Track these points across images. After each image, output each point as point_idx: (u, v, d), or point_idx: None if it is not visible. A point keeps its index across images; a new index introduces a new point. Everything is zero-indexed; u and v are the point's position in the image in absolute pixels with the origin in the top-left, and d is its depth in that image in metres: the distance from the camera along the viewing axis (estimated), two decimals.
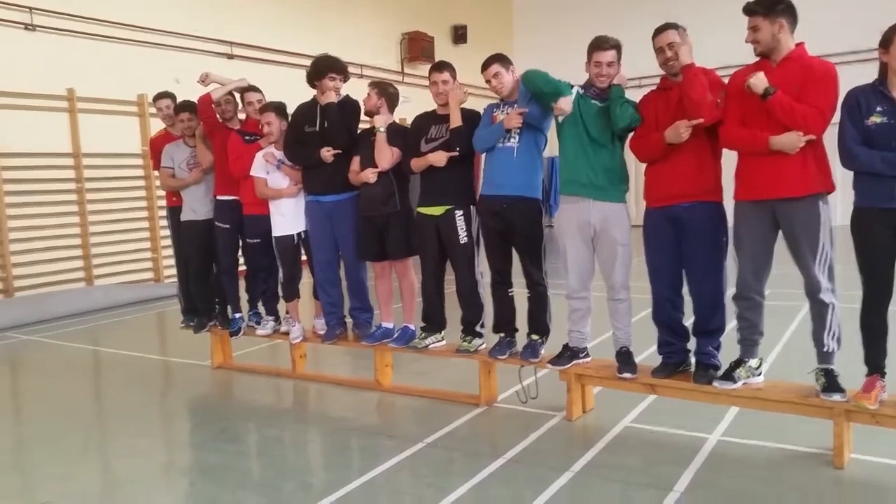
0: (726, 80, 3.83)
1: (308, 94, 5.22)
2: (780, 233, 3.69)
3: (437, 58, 15.67)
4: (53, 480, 3.88)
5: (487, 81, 4.44)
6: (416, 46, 15.62)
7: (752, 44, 3.64)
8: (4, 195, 9.03)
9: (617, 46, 4.13)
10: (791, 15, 3.59)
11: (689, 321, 4.14)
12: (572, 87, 4.18)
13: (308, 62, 5.22)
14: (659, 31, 3.91)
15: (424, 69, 15.64)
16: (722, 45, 7.75)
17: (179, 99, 5.97)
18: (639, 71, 6.59)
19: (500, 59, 4.45)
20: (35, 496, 3.70)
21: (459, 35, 17.08)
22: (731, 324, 4.00)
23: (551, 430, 4.26)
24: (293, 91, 5.59)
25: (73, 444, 4.42)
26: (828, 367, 3.65)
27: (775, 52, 3.61)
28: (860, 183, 3.52)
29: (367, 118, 4.99)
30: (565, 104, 4.06)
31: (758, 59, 3.69)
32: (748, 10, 3.62)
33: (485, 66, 4.44)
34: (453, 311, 4.96)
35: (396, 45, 15.69)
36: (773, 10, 3.55)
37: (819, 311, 3.64)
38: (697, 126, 3.76)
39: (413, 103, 5.03)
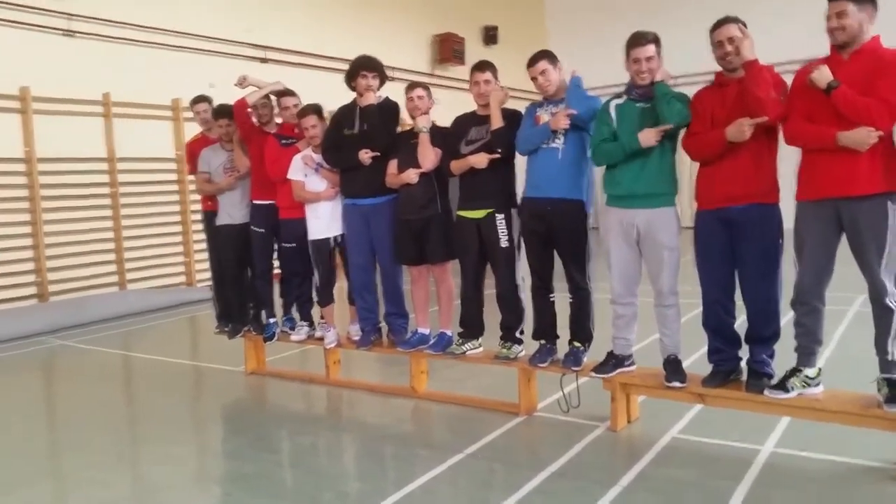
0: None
1: (341, 97, 5.15)
2: (844, 235, 3.51)
3: (468, 59, 15.73)
4: (87, 486, 3.82)
5: (533, 79, 4.31)
6: (447, 48, 15.53)
7: (834, 31, 3.42)
8: (41, 200, 9.10)
9: (656, 40, 3.97)
10: (875, 4, 3.41)
11: (740, 328, 3.97)
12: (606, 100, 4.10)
13: (339, 65, 5.16)
14: (719, 25, 3.73)
15: (455, 71, 15.76)
16: (772, 41, 7.58)
17: (216, 103, 5.94)
18: (677, 69, 6.42)
19: (548, 55, 4.32)
20: (71, 502, 3.64)
21: (490, 36, 16.94)
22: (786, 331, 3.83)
23: (595, 440, 4.11)
24: (325, 94, 5.55)
25: (106, 450, 4.38)
26: (891, 377, 3.46)
27: (855, 41, 3.42)
28: None
29: (409, 121, 4.89)
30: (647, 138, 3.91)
31: (830, 50, 3.50)
32: None
33: (531, 63, 4.31)
34: (491, 316, 4.84)
35: (427, 47, 15.63)
36: None
37: (883, 317, 3.45)
38: (757, 125, 3.58)
39: (443, 105, 4.91)
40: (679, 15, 15.33)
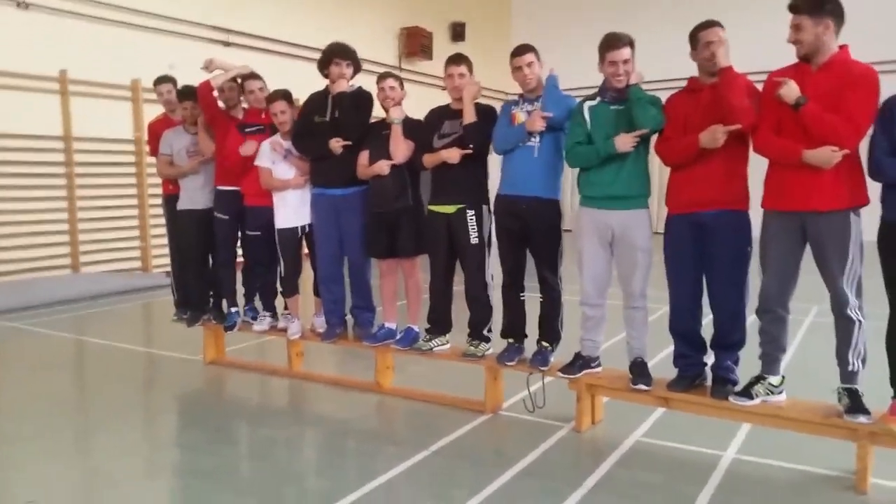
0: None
1: (304, 85, 5.03)
2: (808, 245, 3.56)
3: (436, 54, 15.67)
4: (39, 478, 3.68)
5: (518, 69, 4.26)
6: (415, 42, 15.43)
7: (793, 44, 3.47)
8: None
9: (631, 43, 3.97)
10: (837, 16, 3.41)
11: (705, 333, 4.01)
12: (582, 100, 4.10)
13: (304, 52, 5.07)
14: (705, 27, 3.72)
15: (422, 65, 15.67)
16: (745, 48, 7.64)
17: (179, 85, 5.78)
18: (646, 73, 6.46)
19: (535, 50, 4.29)
20: (19, 495, 3.50)
21: (458, 32, 16.90)
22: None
23: (560, 441, 4.11)
24: (288, 82, 5.41)
25: (58, 440, 4.23)
26: (852, 387, 3.53)
27: (818, 54, 3.44)
28: (889, 196, 3.40)
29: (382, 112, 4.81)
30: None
31: (797, 60, 3.54)
32: (793, 7, 3.44)
33: (520, 53, 4.26)
34: (459, 313, 4.80)
35: (394, 40, 15.51)
36: (820, 9, 3.37)
37: (845, 328, 3.51)
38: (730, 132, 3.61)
39: (410, 99, 4.86)
40: (646, 18, 15.53)
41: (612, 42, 3.95)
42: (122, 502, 3.40)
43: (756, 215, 3.75)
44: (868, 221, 3.49)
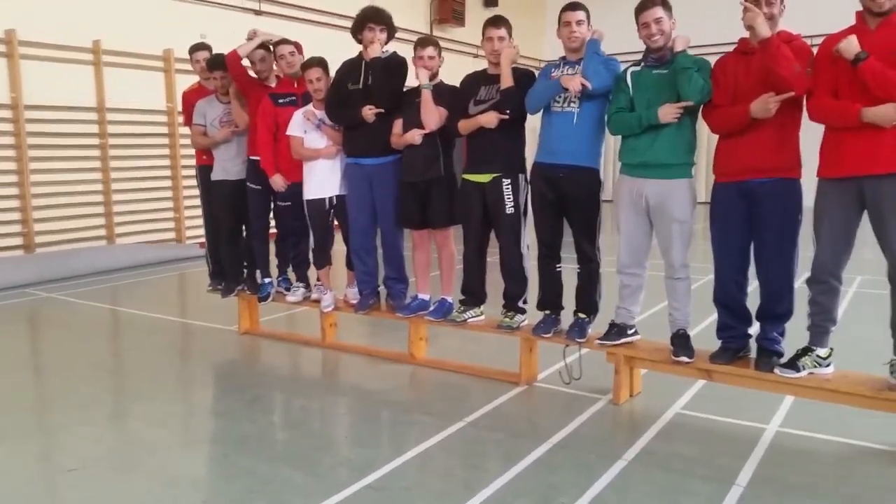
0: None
1: (337, 53, 4.94)
2: (865, 214, 3.42)
3: (468, 21, 15.43)
4: (76, 442, 3.73)
5: (567, 24, 4.12)
6: (447, 8, 15.22)
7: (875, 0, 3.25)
8: (28, 149, 8.85)
9: (663, 2, 3.84)
10: None
11: (751, 304, 3.90)
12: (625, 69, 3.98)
13: (335, 20, 4.96)
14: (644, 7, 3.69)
15: (454, 32, 15.46)
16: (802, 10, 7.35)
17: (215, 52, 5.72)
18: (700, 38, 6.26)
19: (587, 10, 4.15)
20: (61, 460, 3.55)
21: None
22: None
23: (597, 413, 4.05)
24: (321, 50, 5.32)
25: (98, 406, 4.28)
26: None
27: (891, 11, 3.26)
28: None
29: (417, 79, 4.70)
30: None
31: (855, 21, 3.36)
32: None
33: (572, 8, 4.13)
34: (493, 284, 4.74)
35: (426, 6, 15.30)
36: None
37: None
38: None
39: (443, 67, 4.75)
40: None
41: (642, 3, 3.86)
42: (160, 469, 3.41)
43: (807, 183, 3.62)
44: None
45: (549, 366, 4.64)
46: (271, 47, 5.36)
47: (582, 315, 4.32)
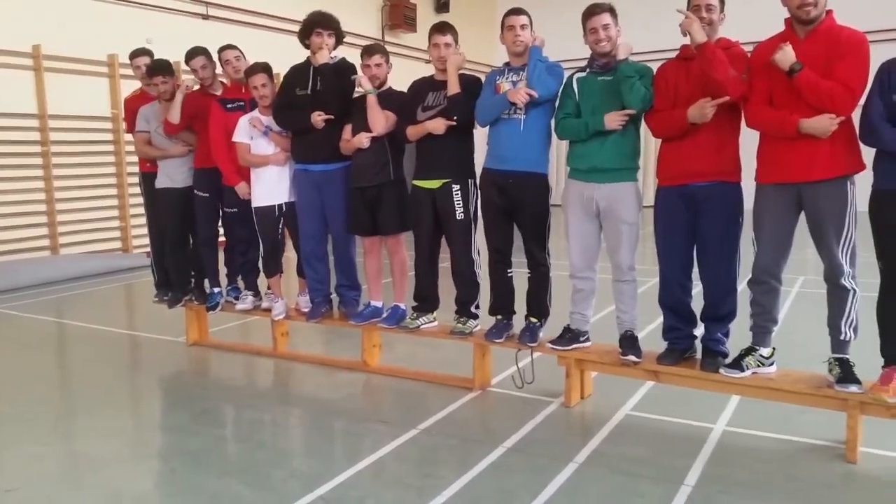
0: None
1: (285, 60, 4.89)
2: (802, 215, 3.52)
3: (420, 26, 15.43)
4: (21, 463, 3.61)
5: (510, 28, 4.13)
6: (398, 13, 15.21)
7: (806, 6, 3.32)
8: None
9: (611, 9, 3.91)
10: None
11: (695, 306, 3.98)
12: (571, 74, 4.03)
13: (284, 25, 4.93)
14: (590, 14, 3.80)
15: (406, 37, 15.44)
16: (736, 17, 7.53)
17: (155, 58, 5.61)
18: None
19: (530, 16, 4.17)
20: (0, 480, 3.42)
21: (442, 3, 16.68)
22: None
23: (550, 416, 4.08)
24: (270, 54, 5.27)
25: (41, 423, 4.15)
26: (843, 357, 3.51)
27: (818, 19, 3.36)
28: (881, 164, 3.36)
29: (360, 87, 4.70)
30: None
31: (784, 29, 3.46)
32: None
33: (515, 13, 4.14)
34: (445, 290, 4.74)
35: (378, 12, 15.27)
36: None
37: (838, 297, 3.48)
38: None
39: (394, 72, 4.75)
40: None
41: (591, 10, 3.93)
42: (106, 485, 3.33)
43: (747, 186, 3.70)
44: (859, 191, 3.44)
45: (502, 370, 4.66)
46: (214, 54, 5.29)
47: (533, 319, 4.35)
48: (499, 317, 4.46)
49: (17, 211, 9.18)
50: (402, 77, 4.92)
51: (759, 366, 3.69)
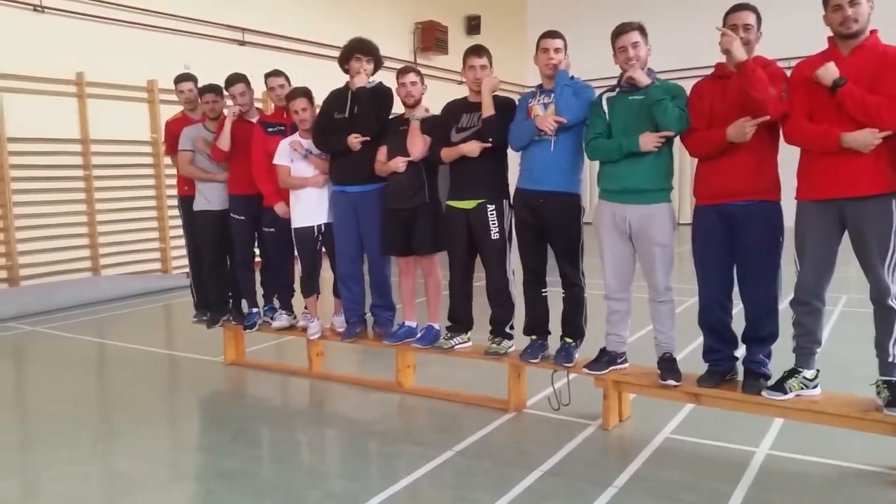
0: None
1: (320, 83, 4.97)
2: (846, 234, 3.44)
3: (451, 49, 15.56)
4: (59, 482, 3.66)
5: (545, 50, 4.13)
6: (430, 36, 15.35)
7: (848, 21, 3.27)
8: (11, 181, 8.80)
9: (640, 28, 3.90)
10: None
11: (737, 327, 3.90)
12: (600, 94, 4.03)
13: (319, 50, 5.02)
14: (737, 9, 3.63)
15: (437, 60, 15.57)
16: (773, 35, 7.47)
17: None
18: (665, 63, 6.34)
19: (564, 37, 4.18)
20: (44, 501, 3.47)
21: (473, 25, 16.81)
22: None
23: (587, 439, 4.02)
24: (306, 79, 5.37)
25: (80, 443, 4.20)
26: (892, 379, 3.40)
27: (862, 34, 3.31)
28: None
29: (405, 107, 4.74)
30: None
31: (828, 47, 3.41)
32: None
33: (551, 35, 4.15)
34: (480, 310, 4.72)
35: (409, 35, 15.43)
36: None
37: (885, 318, 3.38)
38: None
39: (426, 94, 4.79)
40: (665, 8, 15.34)
41: (620, 29, 3.92)
42: None
43: (787, 205, 3.64)
44: None
45: (537, 391, 4.61)
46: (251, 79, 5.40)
47: (568, 340, 4.31)
48: (533, 337, 4.43)
49: (59, 234, 9.39)
50: (434, 99, 4.95)
51: (802, 388, 3.60)
